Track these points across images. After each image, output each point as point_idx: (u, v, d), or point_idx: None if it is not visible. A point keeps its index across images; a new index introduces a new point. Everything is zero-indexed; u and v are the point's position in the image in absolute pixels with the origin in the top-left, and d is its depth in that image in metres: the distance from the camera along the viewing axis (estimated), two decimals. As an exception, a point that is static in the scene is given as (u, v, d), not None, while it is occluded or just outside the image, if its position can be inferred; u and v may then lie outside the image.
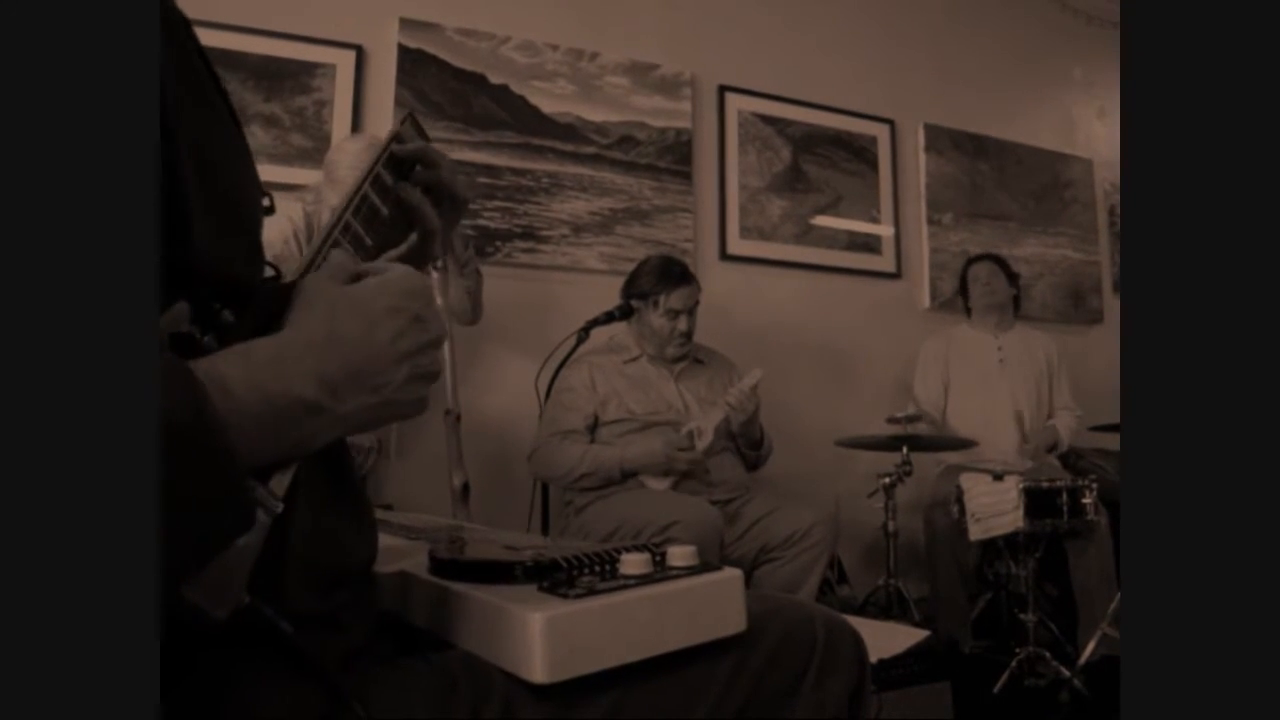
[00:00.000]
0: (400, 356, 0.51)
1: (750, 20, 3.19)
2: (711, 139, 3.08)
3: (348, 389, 0.48)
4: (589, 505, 2.20)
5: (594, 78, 2.88)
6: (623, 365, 2.35)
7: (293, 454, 0.47)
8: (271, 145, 2.47)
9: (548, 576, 0.61)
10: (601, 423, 2.27)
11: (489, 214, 2.68)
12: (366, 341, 0.50)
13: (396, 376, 0.51)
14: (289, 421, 0.46)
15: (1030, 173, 3.68)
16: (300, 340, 0.48)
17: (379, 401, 0.50)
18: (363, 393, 0.49)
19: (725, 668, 0.63)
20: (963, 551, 2.56)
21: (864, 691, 0.71)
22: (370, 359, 0.50)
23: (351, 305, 0.51)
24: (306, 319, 0.49)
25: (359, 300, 0.51)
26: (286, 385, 0.45)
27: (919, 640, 1.66)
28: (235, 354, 0.45)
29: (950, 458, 2.79)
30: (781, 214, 3.15)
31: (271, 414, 0.45)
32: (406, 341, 0.52)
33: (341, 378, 0.48)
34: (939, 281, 3.38)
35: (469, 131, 2.68)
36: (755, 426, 2.32)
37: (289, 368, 0.46)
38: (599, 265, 2.79)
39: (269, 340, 0.47)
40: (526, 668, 0.55)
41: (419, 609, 0.65)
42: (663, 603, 0.60)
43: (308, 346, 0.48)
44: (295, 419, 0.46)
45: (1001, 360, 2.92)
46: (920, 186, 3.43)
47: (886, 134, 3.38)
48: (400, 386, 0.51)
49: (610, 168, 2.87)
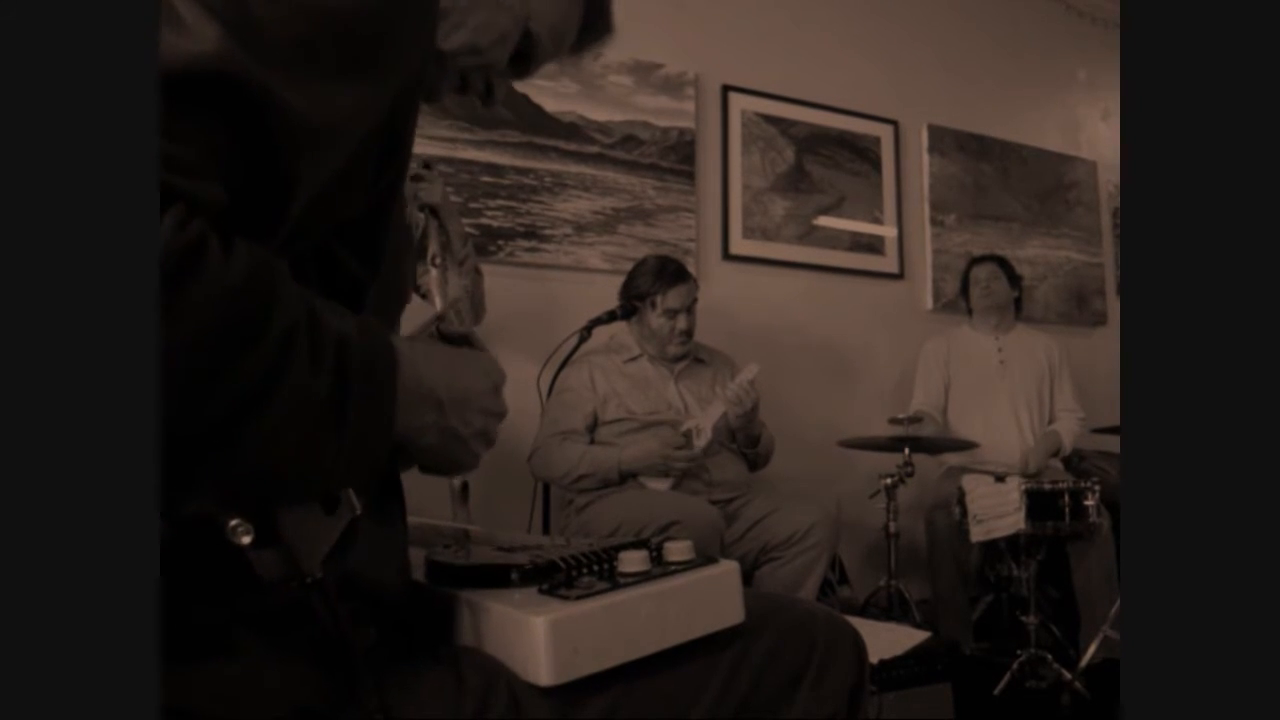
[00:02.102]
0: (485, 410, 0.62)
1: (754, 20, 3.19)
2: (715, 139, 3.08)
3: (458, 408, 0.59)
4: (589, 505, 2.20)
5: (597, 77, 2.89)
6: (623, 365, 2.35)
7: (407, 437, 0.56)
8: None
9: (547, 578, 0.61)
10: (601, 422, 2.27)
11: (491, 213, 2.68)
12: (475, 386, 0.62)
13: (476, 424, 0.61)
14: (422, 406, 0.56)
15: (1034, 174, 3.67)
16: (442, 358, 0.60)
17: (464, 433, 0.60)
18: (462, 419, 0.59)
19: (726, 665, 0.64)
20: (964, 553, 2.56)
21: (863, 690, 0.72)
22: (473, 396, 0.61)
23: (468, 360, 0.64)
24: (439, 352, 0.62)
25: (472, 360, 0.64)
26: (432, 379, 0.57)
27: (920, 641, 1.66)
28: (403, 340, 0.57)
29: (952, 459, 2.79)
30: (784, 214, 3.15)
31: (417, 392, 0.55)
32: (490, 401, 0.63)
33: (458, 398, 0.59)
34: (942, 283, 3.38)
35: (472, 130, 2.68)
36: (755, 423, 2.32)
37: (435, 369, 0.58)
38: (602, 265, 2.79)
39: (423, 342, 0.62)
40: (532, 671, 0.55)
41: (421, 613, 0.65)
42: (662, 599, 0.60)
43: (448, 363, 0.60)
44: (425, 407, 0.56)
45: (1001, 362, 2.92)
46: (923, 187, 3.42)
47: (890, 134, 3.37)
48: (476, 433, 0.61)
49: (613, 167, 2.87)
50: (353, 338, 0.49)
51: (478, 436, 0.61)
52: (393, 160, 0.56)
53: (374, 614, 0.58)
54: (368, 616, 0.57)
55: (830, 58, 3.31)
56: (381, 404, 0.51)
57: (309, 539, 0.50)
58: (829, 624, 0.71)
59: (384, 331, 0.53)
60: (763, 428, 2.38)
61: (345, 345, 0.48)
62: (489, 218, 2.67)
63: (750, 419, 2.28)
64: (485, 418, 0.62)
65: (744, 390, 2.21)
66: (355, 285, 0.56)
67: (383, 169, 0.55)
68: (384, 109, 0.53)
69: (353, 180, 0.53)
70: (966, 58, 3.59)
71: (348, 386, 0.48)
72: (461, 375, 0.60)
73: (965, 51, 3.59)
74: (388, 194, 0.57)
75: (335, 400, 0.47)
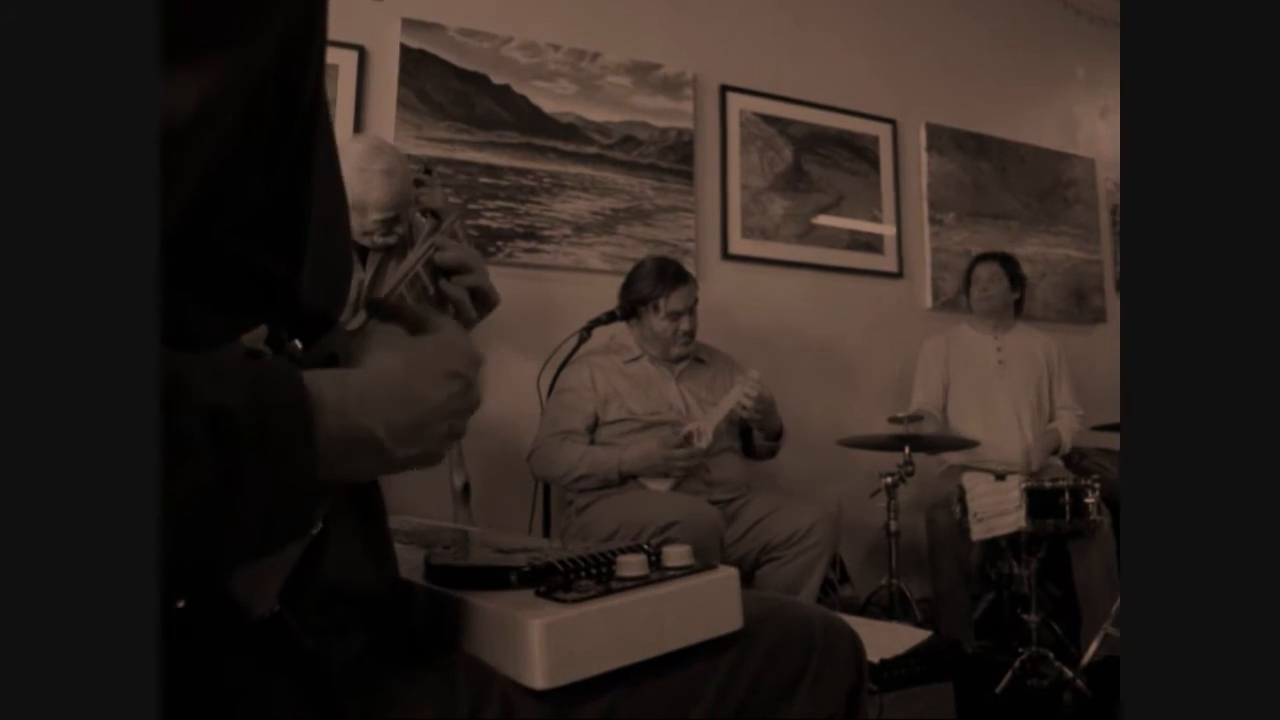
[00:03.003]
0: (447, 415, 0.55)
1: (752, 20, 3.19)
2: (713, 139, 3.08)
3: (406, 439, 0.52)
4: (590, 505, 2.20)
5: (596, 78, 2.88)
6: (624, 365, 2.35)
7: (343, 480, 0.50)
8: (273, 146, 2.47)
9: (544, 581, 0.61)
10: (602, 423, 2.27)
11: (491, 214, 2.68)
12: (430, 400, 0.53)
13: (439, 431, 0.54)
14: (356, 452, 0.49)
15: (1033, 172, 3.67)
16: (384, 385, 0.51)
17: (420, 452, 0.53)
18: (414, 444, 0.52)
19: (723, 668, 0.64)
20: (965, 551, 2.56)
21: (861, 692, 0.71)
22: (428, 415, 0.53)
23: (424, 362, 0.55)
24: (386, 365, 0.53)
25: (430, 358, 0.55)
26: (367, 421, 0.49)
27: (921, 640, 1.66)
28: (331, 377, 0.49)
29: (952, 457, 2.79)
30: (783, 214, 3.15)
31: (346, 441, 0.48)
32: (456, 403, 0.55)
33: (404, 428, 0.51)
34: (941, 281, 3.37)
35: (471, 131, 2.68)
36: (774, 419, 2.32)
37: (370, 406, 0.49)
38: (601, 265, 2.79)
39: (359, 373, 0.51)
40: (526, 674, 0.55)
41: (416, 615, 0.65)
42: (660, 604, 0.60)
43: (389, 394, 0.51)
44: (361, 452, 0.49)
45: (1000, 361, 2.92)
46: (922, 186, 3.42)
47: (888, 133, 3.37)
48: (437, 442, 0.55)
49: (612, 168, 2.87)
50: (235, 408, 0.40)
51: (442, 440, 0.55)
52: (289, 133, 0.48)
53: (362, 617, 0.58)
54: (355, 621, 0.57)
55: (828, 57, 3.31)
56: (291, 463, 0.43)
57: (253, 582, 0.46)
58: (826, 626, 0.71)
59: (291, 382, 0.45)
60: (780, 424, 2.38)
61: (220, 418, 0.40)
62: (488, 218, 2.67)
63: (769, 416, 2.29)
64: (447, 422, 0.55)
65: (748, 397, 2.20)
66: (273, 283, 0.50)
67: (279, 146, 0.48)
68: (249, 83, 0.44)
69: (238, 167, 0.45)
70: (965, 56, 3.59)
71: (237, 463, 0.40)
72: (412, 399, 0.52)
73: (963, 50, 3.59)
74: (297, 173, 0.49)
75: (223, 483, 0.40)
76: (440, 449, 0.55)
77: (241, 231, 0.47)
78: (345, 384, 0.49)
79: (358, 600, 0.57)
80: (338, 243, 0.56)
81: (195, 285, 0.44)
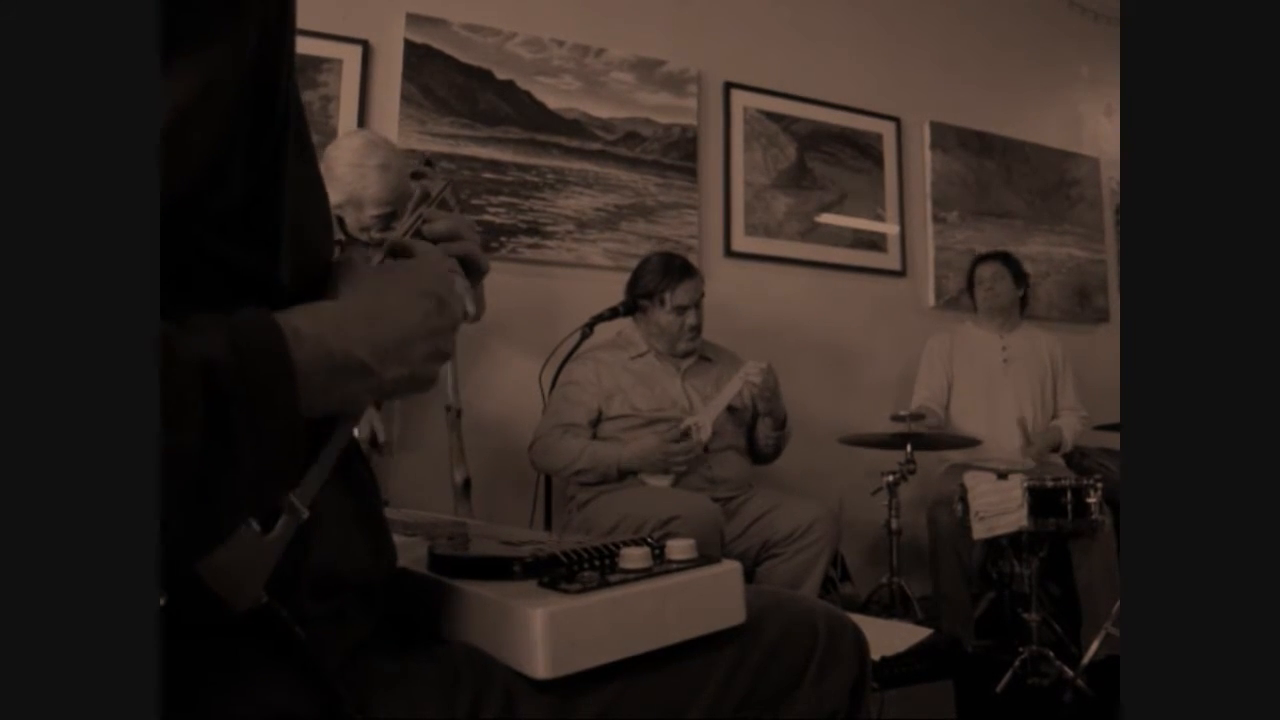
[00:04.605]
0: (427, 334, 0.55)
1: (756, 17, 3.18)
2: (717, 135, 3.08)
3: (391, 358, 0.52)
4: (591, 501, 2.20)
5: (600, 74, 2.88)
6: (629, 361, 2.35)
7: (339, 410, 0.52)
8: (277, 140, 2.47)
9: (547, 572, 0.61)
10: (605, 418, 2.27)
11: (494, 209, 2.68)
12: (406, 318, 0.54)
13: (423, 351, 0.55)
14: (343, 378, 0.50)
15: (1036, 171, 3.67)
16: (357, 308, 0.52)
17: (408, 373, 0.54)
18: (399, 363, 0.53)
19: (725, 661, 0.63)
20: (966, 550, 2.56)
21: (865, 686, 0.71)
22: (407, 333, 0.54)
23: (395, 282, 0.56)
24: (359, 290, 0.54)
25: (400, 279, 0.57)
26: (347, 345, 0.49)
27: (922, 639, 1.66)
28: (305, 311, 0.49)
29: (954, 456, 2.79)
30: (786, 211, 3.15)
31: (330, 369, 0.48)
32: (432, 321, 0.56)
33: (388, 347, 0.52)
34: (944, 279, 3.37)
35: (474, 127, 2.68)
36: (779, 404, 2.34)
37: (349, 330, 0.50)
38: (604, 261, 2.79)
39: (332, 304, 0.52)
40: (528, 663, 0.55)
41: (419, 606, 0.66)
42: (663, 596, 0.60)
43: (362, 314, 0.52)
44: (348, 377, 0.50)
45: (1006, 360, 2.91)
46: (925, 184, 3.42)
47: (892, 131, 3.37)
48: (422, 361, 0.55)
49: (615, 164, 2.87)
50: (220, 357, 0.41)
51: (427, 360, 0.56)
52: (267, 130, 0.48)
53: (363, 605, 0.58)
54: (356, 610, 0.57)
55: (832, 55, 3.30)
56: (275, 408, 0.44)
57: (238, 571, 0.45)
58: (830, 620, 0.71)
59: (265, 321, 0.45)
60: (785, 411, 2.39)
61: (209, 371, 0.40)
62: (491, 214, 2.67)
63: (775, 401, 2.31)
64: (429, 341, 0.55)
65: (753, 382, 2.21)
66: (250, 280, 0.49)
67: (257, 143, 0.48)
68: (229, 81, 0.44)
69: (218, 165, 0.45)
70: (969, 55, 3.58)
71: (224, 413, 0.40)
72: (387, 316, 0.53)
73: (967, 48, 3.59)
74: (274, 170, 0.49)
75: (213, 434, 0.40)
76: (426, 370, 0.56)
77: (219, 229, 0.47)
78: (319, 314, 0.50)
79: (357, 587, 0.57)
80: (315, 238, 0.56)
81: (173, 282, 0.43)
